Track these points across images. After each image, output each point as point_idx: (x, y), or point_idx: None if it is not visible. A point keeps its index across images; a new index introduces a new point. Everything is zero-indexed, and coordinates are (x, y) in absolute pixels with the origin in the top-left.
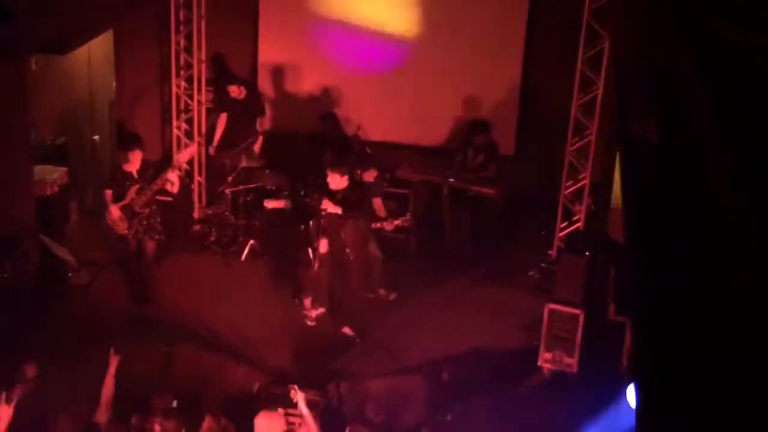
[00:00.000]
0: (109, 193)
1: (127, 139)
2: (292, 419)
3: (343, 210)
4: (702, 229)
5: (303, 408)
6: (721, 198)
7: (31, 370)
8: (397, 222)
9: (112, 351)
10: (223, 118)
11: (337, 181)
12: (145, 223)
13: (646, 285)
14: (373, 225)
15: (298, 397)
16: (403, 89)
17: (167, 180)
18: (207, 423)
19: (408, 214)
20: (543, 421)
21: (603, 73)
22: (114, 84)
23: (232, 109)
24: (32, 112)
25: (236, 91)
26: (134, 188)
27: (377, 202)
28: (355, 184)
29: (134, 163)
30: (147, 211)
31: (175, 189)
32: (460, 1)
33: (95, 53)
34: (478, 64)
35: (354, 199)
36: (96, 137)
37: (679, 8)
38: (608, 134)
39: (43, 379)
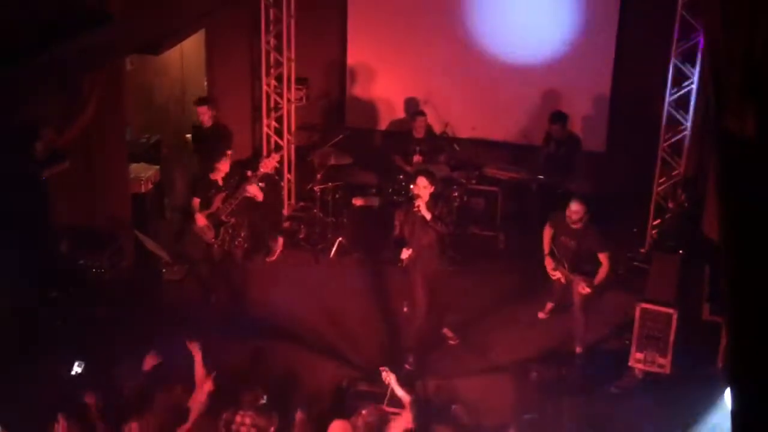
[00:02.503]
0: (196, 201)
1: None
2: (392, 416)
3: (432, 217)
4: None
5: (397, 389)
6: None
7: (151, 361)
8: None
9: (189, 342)
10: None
11: (422, 187)
12: (231, 231)
13: (743, 284)
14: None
15: (390, 378)
16: (492, 86)
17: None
18: (299, 417)
19: None
20: (634, 423)
21: (697, 67)
22: (205, 83)
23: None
24: (127, 112)
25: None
26: (220, 197)
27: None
28: (441, 195)
29: (220, 172)
30: (233, 220)
31: (259, 198)
32: None
33: (187, 53)
34: (568, 59)
35: (440, 208)
36: (188, 135)
37: None
38: (702, 129)
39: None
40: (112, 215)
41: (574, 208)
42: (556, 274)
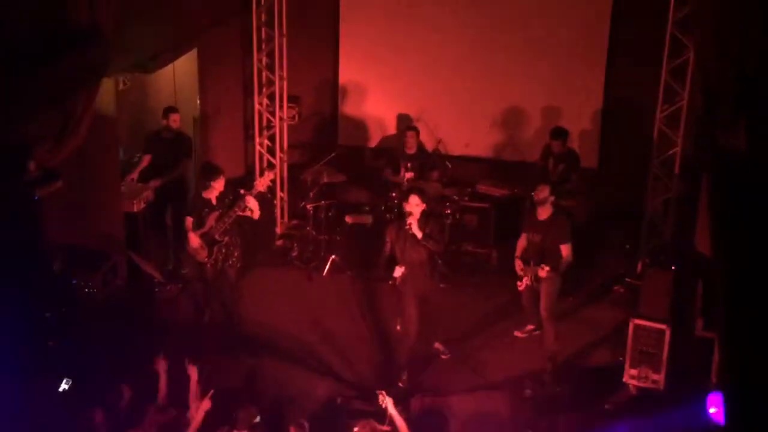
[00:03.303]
0: (189, 220)
1: (209, 171)
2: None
3: (423, 235)
4: None
5: (393, 412)
6: None
7: (127, 395)
8: None
9: (187, 362)
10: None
11: (414, 205)
12: (224, 251)
13: (735, 299)
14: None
15: (387, 402)
16: (484, 103)
17: (246, 207)
18: None
19: None
20: None
21: (688, 84)
22: (198, 101)
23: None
24: (120, 131)
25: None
26: (213, 215)
27: None
28: (432, 213)
29: (215, 190)
30: (226, 239)
31: (255, 215)
32: (542, 13)
33: (180, 71)
34: (560, 76)
35: (431, 226)
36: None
37: None
38: (694, 145)
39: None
40: (105, 234)
41: (539, 188)
42: (524, 281)
